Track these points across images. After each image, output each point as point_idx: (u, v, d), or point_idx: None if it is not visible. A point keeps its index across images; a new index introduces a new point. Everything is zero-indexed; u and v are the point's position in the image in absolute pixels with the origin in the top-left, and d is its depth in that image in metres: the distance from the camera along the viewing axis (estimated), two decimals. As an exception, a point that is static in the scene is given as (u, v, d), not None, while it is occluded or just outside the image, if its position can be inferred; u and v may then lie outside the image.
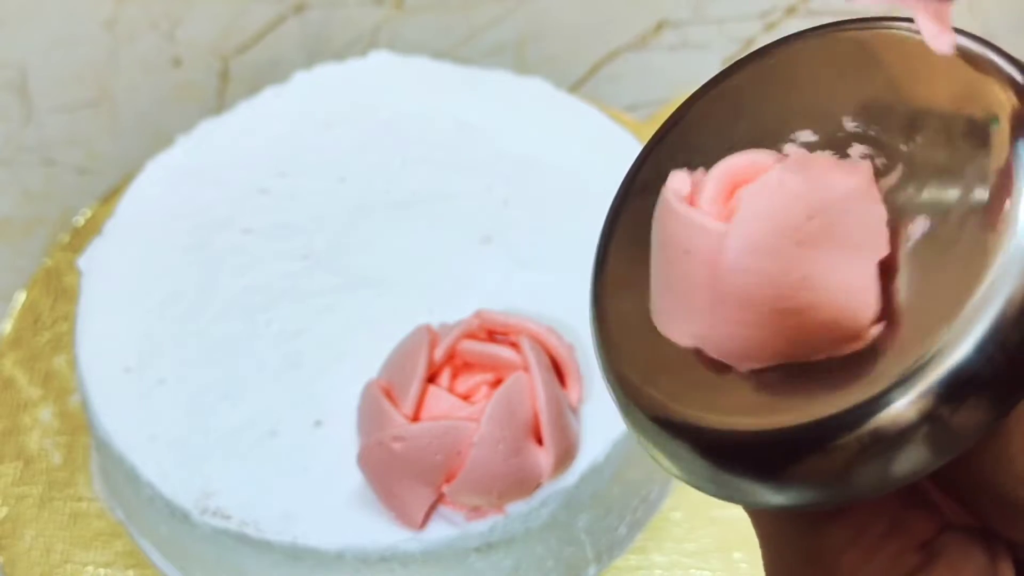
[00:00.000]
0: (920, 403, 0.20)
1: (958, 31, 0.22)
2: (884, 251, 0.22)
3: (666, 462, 0.23)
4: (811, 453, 0.20)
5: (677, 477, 0.23)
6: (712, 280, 0.22)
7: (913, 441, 0.20)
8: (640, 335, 0.23)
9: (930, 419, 0.20)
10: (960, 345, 0.20)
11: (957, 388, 0.20)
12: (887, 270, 0.22)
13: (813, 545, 0.23)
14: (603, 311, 0.25)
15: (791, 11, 0.76)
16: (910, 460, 0.20)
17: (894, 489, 0.21)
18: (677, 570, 0.52)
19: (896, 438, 0.20)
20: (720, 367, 0.22)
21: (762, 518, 0.24)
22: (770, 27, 0.75)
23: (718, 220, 0.22)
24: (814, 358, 0.21)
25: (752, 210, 0.21)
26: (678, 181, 0.23)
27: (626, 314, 0.24)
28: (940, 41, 0.21)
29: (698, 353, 0.22)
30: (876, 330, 0.21)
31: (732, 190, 0.22)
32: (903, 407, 0.20)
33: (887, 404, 0.20)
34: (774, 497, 0.21)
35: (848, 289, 0.21)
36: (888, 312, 0.21)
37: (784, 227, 0.21)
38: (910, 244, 0.21)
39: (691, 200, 0.22)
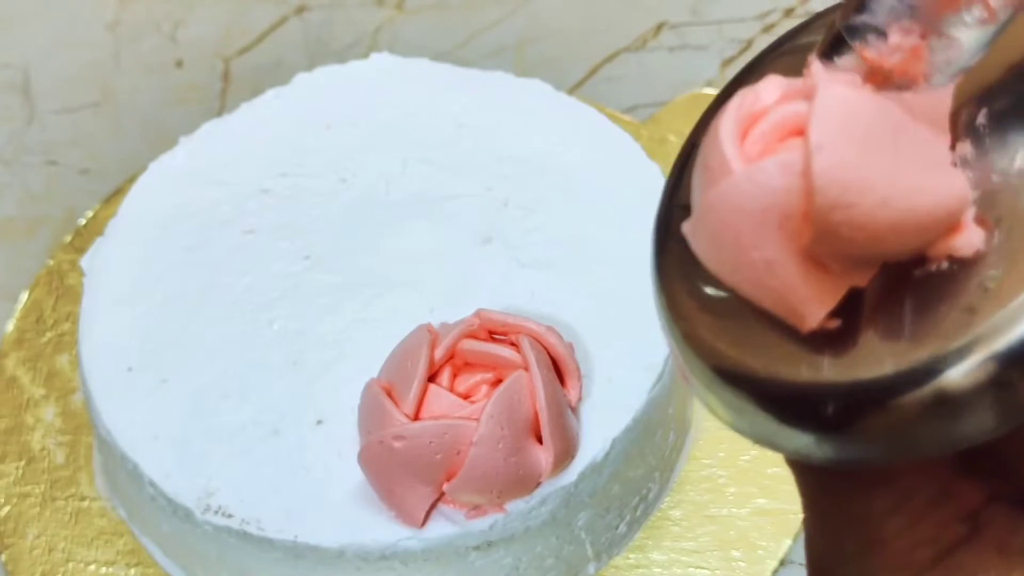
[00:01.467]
0: (987, 366, 0.20)
1: None
2: (861, 282, 0.21)
3: (727, 414, 0.23)
4: (873, 409, 0.20)
5: (734, 428, 0.23)
6: (701, 204, 0.22)
7: (976, 405, 0.20)
8: (702, 290, 0.23)
9: (996, 384, 0.20)
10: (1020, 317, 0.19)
11: (1015, 359, 0.19)
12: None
13: (858, 509, 0.23)
14: (666, 266, 0.24)
15: (789, 12, 0.76)
16: (971, 424, 0.20)
17: (950, 452, 0.21)
18: (676, 568, 0.52)
19: (957, 401, 0.20)
20: (780, 321, 0.22)
21: (808, 481, 0.24)
22: (768, 28, 0.75)
23: (741, 158, 0.21)
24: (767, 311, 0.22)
25: (766, 170, 0.21)
26: (761, 89, 0.22)
27: (689, 270, 0.23)
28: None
29: (758, 309, 0.22)
30: (821, 324, 0.21)
31: (791, 131, 0.21)
32: (968, 369, 0.20)
33: (953, 365, 0.20)
34: (830, 451, 0.21)
35: (800, 294, 0.21)
36: (855, 318, 0.21)
37: (778, 207, 0.21)
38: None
39: (753, 120, 0.22)
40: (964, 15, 0.19)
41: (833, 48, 0.20)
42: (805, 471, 0.24)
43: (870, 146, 0.20)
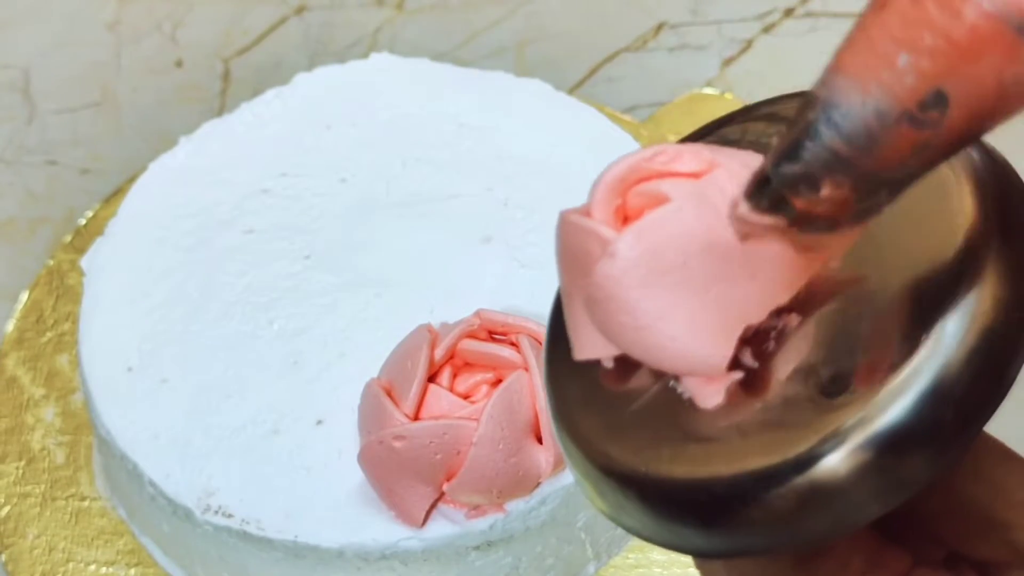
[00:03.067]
0: (857, 456, 0.20)
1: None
2: (755, 320, 0.22)
3: (613, 512, 0.23)
4: (749, 503, 0.20)
5: (622, 526, 0.23)
6: (588, 285, 0.22)
7: (853, 491, 0.20)
8: (590, 389, 0.23)
9: (869, 471, 0.20)
10: (900, 400, 0.20)
11: (896, 443, 0.20)
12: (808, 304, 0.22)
13: None
14: (555, 367, 0.25)
15: (789, 13, 0.76)
16: (851, 509, 0.20)
17: (841, 537, 0.21)
18: (676, 568, 0.52)
19: (835, 490, 0.20)
20: (668, 411, 0.22)
21: (743, 560, 0.24)
22: (768, 28, 0.75)
23: (610, 227, 0.22)
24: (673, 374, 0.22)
25: (636, 238, 0.21)
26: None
27: (577, 368, 0.24)
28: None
29: (649, 403, 0.22)
30: (728, 380, 0.22)
31: (624, 191, 0.22)
32: (840, 460, 0.20)
33: (824, 456, 0.20)
34: (715, 543, 0.21)
35: (702, 344, 0.21)
36: (764, 373, 0.21)
37: (660, 265, 0.21)
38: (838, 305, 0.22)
39: (585, 213, 0.23)
40: (894, 172, 0.19)
41: (760, 189, 0.20)
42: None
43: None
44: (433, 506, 0.46)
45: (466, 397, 0.46)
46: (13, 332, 0.61)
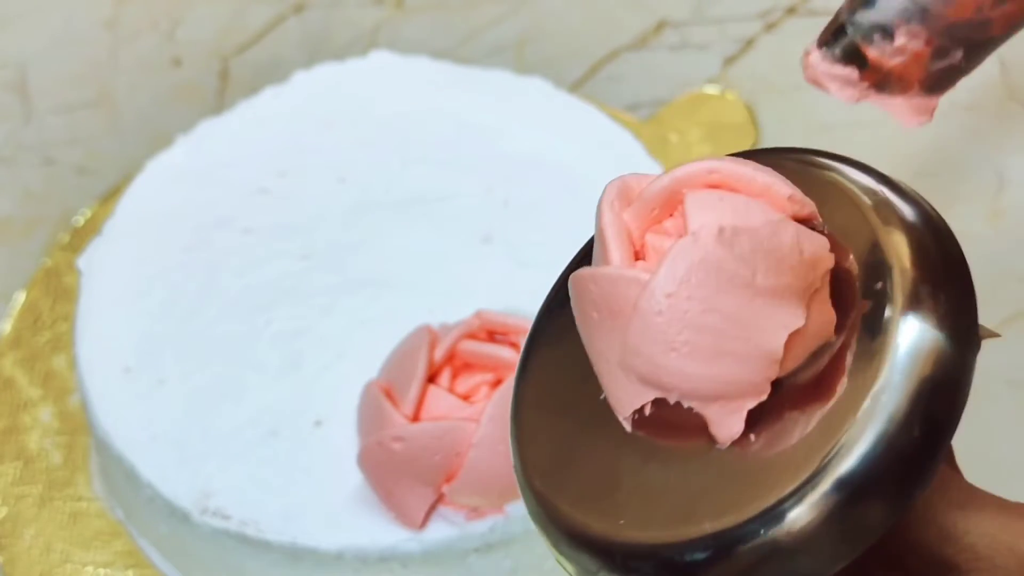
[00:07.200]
0: (816, 509, 0.20)
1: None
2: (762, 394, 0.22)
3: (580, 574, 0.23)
4: (714, 565, 0.21)
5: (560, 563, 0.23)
6: (629, 327, 0.22)
7: (814, 545, 0.20)
8: (557, 445, 0.24)
9: (828, 522, 0.20)
10: (852, 451, 0.20)
11: (851, 492, 0.20)
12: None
13: None
14: (522, 424, 0.25)
15: (791, 11, 0.76)
16: (813, 562, 0.21)
17: None
18: (677, 570, 0.52)
19: (795, 545, 0.20)
20: (632, 468, 0.22)
21: None
22: (770, 27, 0.75)
23: (640, 269, 0.22)
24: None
25: (669, 270, 0.22)
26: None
27: (545, 424, 0.24)
28: (913, 123, 0.22)
29: (617, 455, 0.23)
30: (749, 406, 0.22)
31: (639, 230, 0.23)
32: (798, 515, 0.20)
33: (784, 514, 0.20)
34: None
35: (744, 364, 0.22)
36: (763, 428, 0.22)
37: (695, 291, 0.22)
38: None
39: (605, 261, 0.23)
40: (971, 25, 0.19)
41: (834, 37, 0.20)
42: None
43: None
44: (432, 508, 0.46)
45: (466, 398, 0.46)
46: (10, 333, 0.61)
